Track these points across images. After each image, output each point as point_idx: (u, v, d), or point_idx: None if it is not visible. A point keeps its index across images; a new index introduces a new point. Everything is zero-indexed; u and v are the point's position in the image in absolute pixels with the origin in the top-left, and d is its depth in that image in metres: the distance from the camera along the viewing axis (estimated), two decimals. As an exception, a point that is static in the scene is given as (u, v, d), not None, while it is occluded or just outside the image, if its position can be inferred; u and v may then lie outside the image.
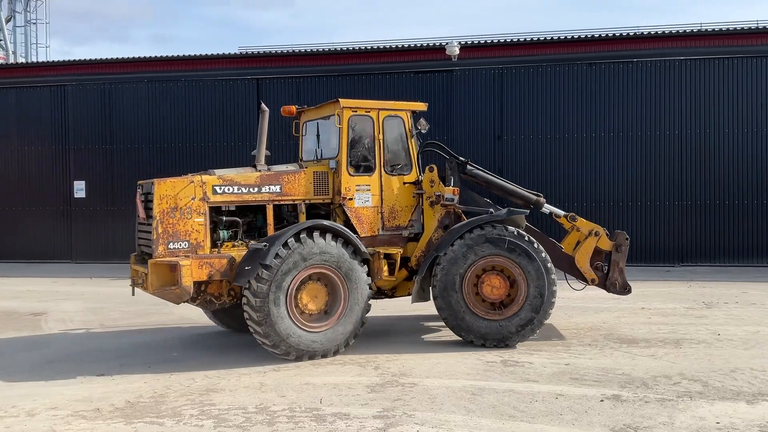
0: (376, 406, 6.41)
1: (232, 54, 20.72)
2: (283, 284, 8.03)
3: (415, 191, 9.37)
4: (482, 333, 8.71)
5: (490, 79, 19.17)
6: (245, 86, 20.36)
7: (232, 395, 6.84)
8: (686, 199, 18.06)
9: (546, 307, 8.72)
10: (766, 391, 6.71)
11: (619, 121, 18.46)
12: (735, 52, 18.05)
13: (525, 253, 8.70)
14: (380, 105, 9.45)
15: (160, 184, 8.37)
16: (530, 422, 5.94)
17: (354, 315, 8.49)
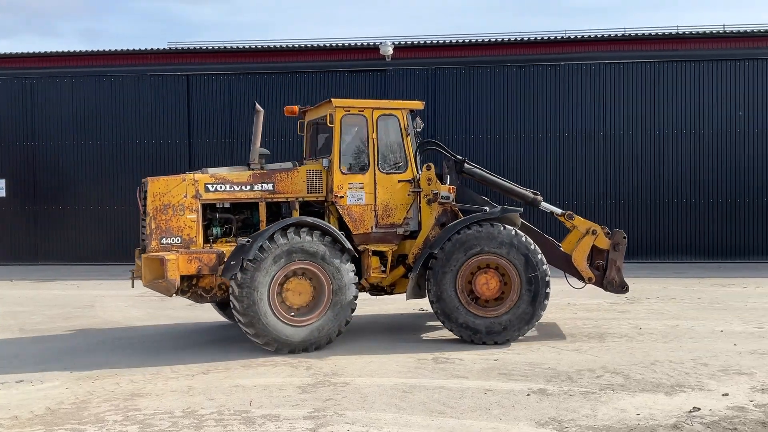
0: (307, 406, 6.38)
1: (161, 49, 20.26)
2: (266, 278, 8.32)
3: (410, 189, 9.39)
4: (476, 330, 8.77)
5: (423, 79, 19.36)
6: (174, 83, 19.93)
7: (158, 399, 6.68)
8: (611, 198, 18.70)
9: (539, 304, 8.80)
10: (683, 383, 7.00)
11: (548, 122, 18.95)
12: (658, 57, 18.80)
13: (519, 251, 8.78)
14: (374, 104, 9.56)
15: (153, 182, 8.84)
16: (459, 418, 6.03)
17: (338, 311, 8.62)
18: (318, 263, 8.57)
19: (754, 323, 10.07)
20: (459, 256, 8.79)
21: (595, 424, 5.79)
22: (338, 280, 8.62)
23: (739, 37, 18.66)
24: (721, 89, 18.57)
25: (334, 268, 8.61)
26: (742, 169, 18.48)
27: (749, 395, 6.53)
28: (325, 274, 8.60)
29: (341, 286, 8.64)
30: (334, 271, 8.60)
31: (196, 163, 19.93)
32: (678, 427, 5.70)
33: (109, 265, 19.56)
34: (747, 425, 5.72)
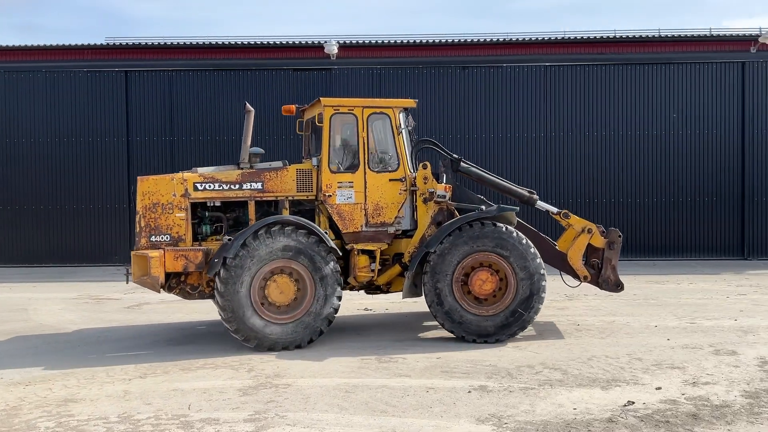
0: (248, 409, 6.29)
1: (99, 45, 19.71)
2: (247, 276, 8.49)
3: (401, 188, 9.35)
4: (472, 328, 8.79)
5: (368, 79, 19.36)
6: (112, 79, 19.38)
7: (93, 405, 6.48)
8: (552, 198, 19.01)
9: (535, 303, 8.83)
10: (619, 377, 7.19)
11: (490, 122, 19.21)
12: (596, 60, 19.28)
13: (514, 250, 8.81)
14: (365, 103, 9.55)
15: (143, 181, 9.13)
16: (401, 417, 6.04)
17: (320, 309, 8.69)
18: (300, 262, 8.66)
19: (686, 318, 10.42)
20: (455, 254, 8.80)
21: (534, 420, 5.89)
22: (321, 279, 8.69)
23: (674, 42, 19.30)
24: (656, 92, 19.16)
25: (316, 267, 8.68)
26: (676, 169, 19.10)
27: (681, 388, 6.75)
28: (308, 272, 8.67)
29: (324, 284, 8.69)
30: (316, 270, 8.67)
31: (135, 163, 19.46)
32: (613, 421, 5.84)
33: (43, 267, 18.92)
34: (678, 417, 5.91)
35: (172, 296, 13.47)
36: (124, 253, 19.42)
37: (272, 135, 19.44)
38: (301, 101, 19.18)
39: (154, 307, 12.28)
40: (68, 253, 19.38)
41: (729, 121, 19.10)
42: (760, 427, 5.64)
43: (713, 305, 11.62)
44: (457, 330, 8.85)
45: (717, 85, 19.12)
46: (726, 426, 5.69)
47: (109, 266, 19.12)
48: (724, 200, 19.11)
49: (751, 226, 19.05)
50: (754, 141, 19.05)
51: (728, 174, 19.11)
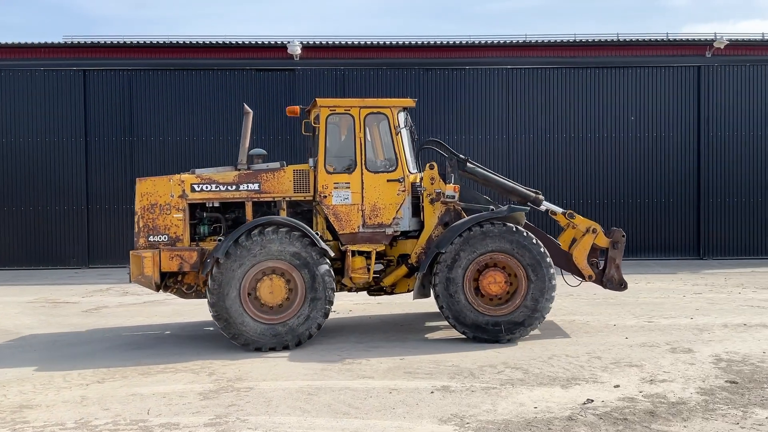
0: (209, 413, 6.21)
1: (56, 43, 19.26)
2: (235, 276, 8.56)
3: (400, 189, 9.32)
4: (483, 328, 8.79)
5: (332, 80, 19.32)
6: (70, 78, 19.00)
7: (48, 411, 6.33)
8: (506, 201, 19.25)
9: (545, 302, 8.88)
10: (578, 376, 7.30)
11: (453, 125, 19.33)
12: (555, 63, 19.56)
13: (525, 250, 8.85)
14: (362, 103, 9.49)
15: (141, 182, 9.32)
16: (364, 418, 6.04)
17: (310, 312, 8.69)
18: (291, 263, 8.67)
19: (644, 317, 10.62)
20: (466, 254, 8.82)
21: (495, 419, 5.94)
22: (311, 280, 8.67)
23: (632, 46, 19.67)
24: (614, 95, 19.52)
25: (307, 268, 8.67)
26: (633, 171, 19.49)
27: (639, 386, 6.88)
28: (298, 273, 8.68)
29: (315, 286, 8.67)
30: (306, 271, 8.67)
31: (93, 164, 19.09)
32: (573, 419, 5.92)
33: (0, 271, 18.46)
34: (636, 415, 6.02)
35: (131, 300, 13.31)
36: (82, 256, 19.07)
37: (235, 136, 19.27)
38: (263, 102, 19.20)
39: (113, 311, 12.06)
40: (25, 256, 18.93)
41: (685, 123, 19.57)
42: (714, 424, 5.77)
43: (670, 304, 11.87)
44: (468, 331, 8.86)
45: (673, 88, 19.57)
46: (682, 423, 5.82)
47: (67, 269, 18.74)
48: (681, 201, 19.56)
49: (706, 226, 19.54)
50: (709, 143, 19.54)
51: (684, 176, 19.57)
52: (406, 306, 11.72)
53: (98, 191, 19.08)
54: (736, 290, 13.48)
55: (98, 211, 19.08)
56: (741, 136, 19.61)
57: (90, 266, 18.98)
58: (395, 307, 11.77)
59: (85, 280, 16.37)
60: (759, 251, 19.61)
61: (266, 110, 19.23)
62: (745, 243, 19.63)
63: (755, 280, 14.96)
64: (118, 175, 19.09)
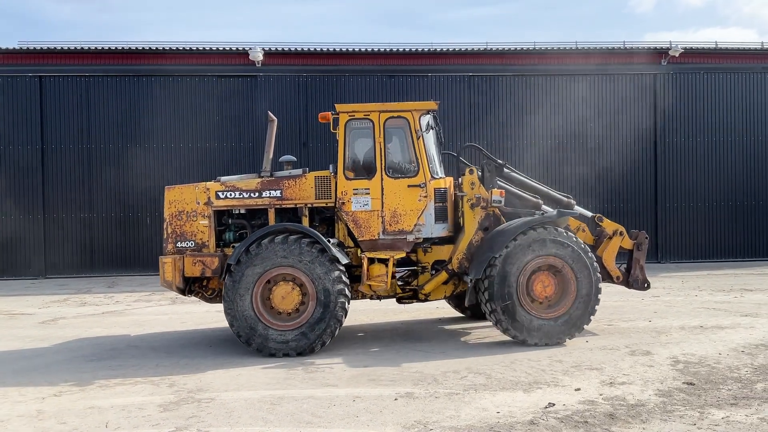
0: (169, 425, 6.11)
1: (12, 48, 18.83)
2: (248, 282, 8.66)
3: (421, 194, 9.22)
4: (538, 332, 8.83)
5: (294, 86, 19.26)
6: (26, 84, 18.59)
7: (3, 426, 6.15)
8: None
9: (593, 304, 8.99)
10: (540, 380, 7.37)
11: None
12: (517, 71, 19.82)
13: (574, 253, 8.93)
14: (381, 107, 9.38)
15: (169, 190, 9.52)
16: (327, 427, 6.00)
17: (322, 318, 8.66)
18: (301, 269, 8.69)
19: (604, 321, 10.79)
20: (520, 258, 8.85)
21: (458, 425, 5.96)
22: (322, 287, 8.66)
23: (591, 54, 20.01)
24: (574, 101, 19.84)
25: (317, 275, 8.67)
26: (591, 175, 19.80)
27: (599, 389, 6.98)
28: (309, 280, 8.68)
29: (326, 293, 8.66)
30: (317, 278, 8.67)
31: (49, 171, 18.68)
32: (534, 423, 5.98)
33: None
34: (596, 418, 6.10)
35: (90, 310, 13.05)
36: (38, 265, 18.62)
37: (196, 142, 19.08)
38: (225, 108, 19.03)
39: (71, 322, 11.80)
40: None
41: (642, 130, 19.98)
42: (672, 425, 5.88)
43: (629, 307, 12.08)
44: (525, 336, 8.88)
45: (630, 96, 19.99)
46: (641, 424, 5.91)
47: (24, 279, 18.30)
48: (639, 206, 19.98)
49: (663, 230, 19.97)
50: (666, 149, 20.00)
51: (642, 181, 19.99)
52: (371, 314, 11.71)
53: (55, 199, 18.67)
54: (693, 293, 13.79)
55: (55, 219, 18.67)
56: (697, 142, 20.12)
57: (47, 276, 18.55)
58: (359, 314, 11.75)
59: (41, 291, 16.00)
60: (715, 254, 20.12)
61: (227, 116, 19.10)
62: (702, 246, 20.12)
63: (711, 283, 15.32)
64: (76, 183, 18.72)
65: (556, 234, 9.05)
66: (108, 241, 18.74)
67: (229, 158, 18.99)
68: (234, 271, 8.69)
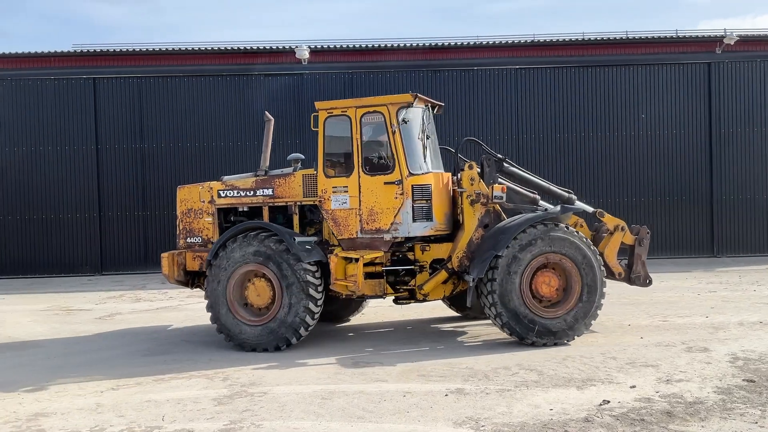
0: (223, 419, 6.21)
1: (66, 52, 19.39)
2: (223, 276, 9.00)
3: (398, 192, 8.88)
4: (542, 332, 8.64)
5: (339, 83, 19.34)
6: (80, 87, 19.11)
7: (64, 419, 6.35)
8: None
9: (598, 302, 8.78)
10: (594, 377, 7.24)
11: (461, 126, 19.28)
12: (564, 62, 19.49)
13: (578, 249, 8.72)
14: (357, 103, 9.19)
15: (181, 189, 10.06)
16: (378, 422, 6.01)
17: (284, 317, 8.77)
18: (269, 268, 8.83)
19: (658, 317, 10.54)
20: (524, 256, 8.64)
21: (511, 421, 5.90)
22: (287, 287, 8.75)
23: (641, 44, 19.57)
24: (624, 93, 19.42)
25: (283, 274, 8.77)
26: (645, 169, 19.36)
27: (655, 386, 6.82)
28: (276, 279, 8.81)
29: (290, 293, 8.73)
30: (283, 277, 8.77)
31: (104, 171, 19.19)
32: (589, 420, 5.87)
33: (12, 279, 18.56)
34: (653, 415, 5.96)
35: (144, 306, 13.36)
36: (95, 263, 19.16)
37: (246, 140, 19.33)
38: (272, 107, 19.22)
39: (126, 317, 12.10)
40: (38, 264, 19.05)
41: (696, 121, 19.43)
42: (732, 423, 5.71)
43: (684, 303, 11.78)
44: (528, 335, 8.66)
45: (684, 85, 19.45)
46: (700, 422, 5.75)
47: (80, 276, 18.84)
48: (694, 199, 19.41)
49: (720, 223, 19.38)
50: (721, 140, 19.39)
51: (696, 173, 19.43)
52: (419, 310, 11.68)
53: (110, 198, 19.17)
54: (750, 288, 13.36)
55: (110, 218, 19.17)
56: (753, 132, 19.45)
57: (103, 273, 19.06)
58: (409, 311, 11.74)
59: (98, 288, 16.44)
60: (773, 248, 19.44)
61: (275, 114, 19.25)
62: (760, 240, 19.45)
63: (770, 278, 14.82)
64: (129, 182, 19.18)
65: (559, 231, 8.78)
66: (162, 239, 19.12)
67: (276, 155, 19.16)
68: (212, 266, 9.05)
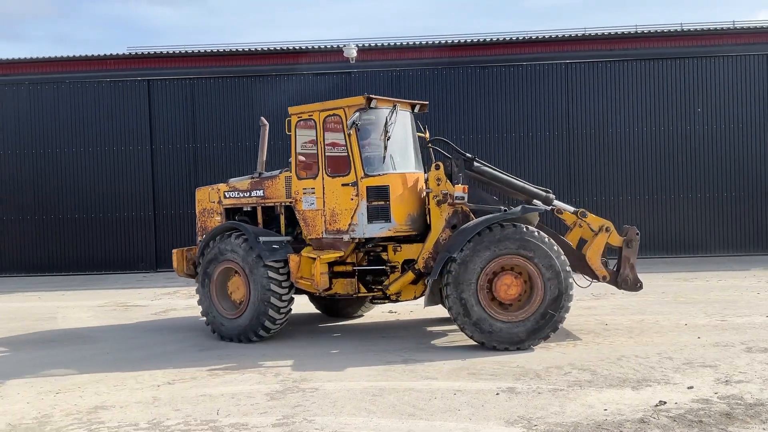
0: (276, 413, 6.30)
1: (121, 54, 19.90)
2: (206, 272, 9.76)
3: (353, 194, 8.97)
4: (503, 336, 8.36)
5: (387, 81, 19.35)
6: (135, 88, 19.61)
7: (122, 412, 6.53)
8: (575, 196, 18.91)
9: (564, 302, 8.41)
10: (649, 377, 7.08)
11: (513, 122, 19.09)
12: (617, 56, 19.08)
13: (539, 250, 8.36)
14: (321, 106, 9.44)
15: (198, 191, 10.94)
16: (429, 419, 6.01)
17: (255, 311, 9.24)
18: (240, 264, 9.40)
19: (716, 316, 10.25)
20: (480, 258, 8.36)
21: (564, 421, 5.82)
22: (254, 282, 9.22)
23: (695, 36, 19.02)
24: (679, 87, 18.92)
25: (249, 270, 9.27)
26: (702, 164, 18.84)
27: (713, 387, 6.63)
28: (244, 273, 9.36)
29: (255, 289, 9.21)
30: (249, 273, 9.27)
31: (159, 170, 19.66)
32: (645, 421, 5.75)
33: (71, 276, 19.19)
34: (712, 417, 5.80)
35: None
36: (150, 260, 19.66)
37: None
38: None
39: (180, 313, 12.38)
40: (96, 262, 19.66)
41: (755, 114, 18.80)
42: (796, 426, 5.52)
43: (743, 302, 11.42)
44: (487, 340, 8.43)
45: (742, 78, 18.83)
46: (761, 425, 5.58)
47: (136, 273, 19.35)
48: (753, 194, 18.80)
49: (780, 220, 18.72)
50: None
51: (756, 168, 18.80)
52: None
53: (164, 197, 19.63)
54: (815, 287, 12.88)
55: (164, 216, 19.62)
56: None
57: (158, 270, 19.53)
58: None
59: (153, 284, 16.85)
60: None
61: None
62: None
63: (835, 276, 14.25)
64: (183, 182, 19.59)
65: (518, 232, 8.43)
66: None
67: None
68: (199, 263, 9.84)
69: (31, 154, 19.75)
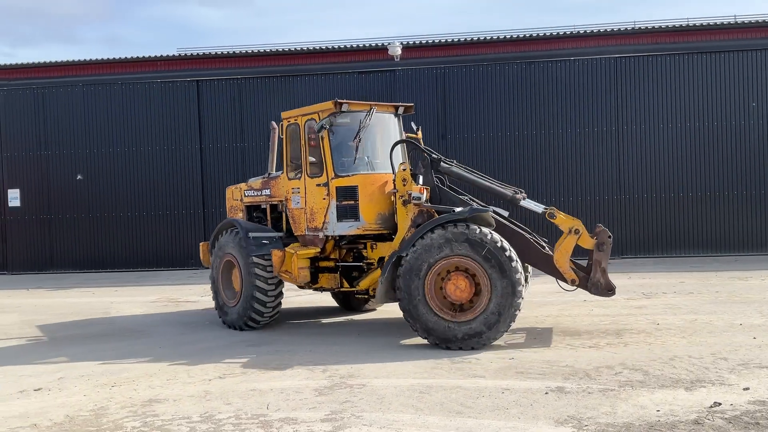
0: (324, 409, 6.36)
1: (171, 56, 20.32)
2: (215, 264, 10.74)
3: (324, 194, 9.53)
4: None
5: (432, 79, 19.31)
6: (185, 88, 20.00)
7: (175, 405, 6.68)
8: (626, 193, 18.60)
9: (510, 309, 8.34)
10: (703, 378, 6.92)
11: (560, 118, 18.85)
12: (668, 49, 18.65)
13: (488, 252, 8.30)
14: (304, 111, 10.04)
15: (227, 189, 11.78)
16: (477, 418, 5.98)
17: (245, 301, 10.02)
18: (237, 258, 10.16)
19: (773, 316, 9.95)
20: (427, 258, 8.43)
21: (615, 422, 5.73)
22: (245, 275, 9.95)
23: (750, 28, 18.46)
24: (733, 81, 18.39)
25: (241, 262, 10.03)
26: (757, 160, 18.30)
27: (771, 389, 6.45)
28: (238, 266, 10.14)
29: (247, 282, 9.88)
30: (242, 266, 10.02)
31: (208, 169, 20.03)
32: (699, 423, 5.62)
33: (124, 272, 19.69)
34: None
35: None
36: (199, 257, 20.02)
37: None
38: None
39: (230, 310, 12.57)
40: (147, 258, 20.14)
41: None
42: None
43: (802, 302, 11.06)
44: (429, 337, 8.51)
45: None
46: (823, 429, 5.40)
47: (187, 270, 19.75)
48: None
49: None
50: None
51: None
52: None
53: (213, 195, 19.99)
54: None
55: (213, 214, 19.98)
56: None
57: (207, 267, 19.86)
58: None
59: (203, 281, 17.15)
60: None
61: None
62: None
63: None
64: (231, 180, 19.89)
65: (464, 232, 8.35)
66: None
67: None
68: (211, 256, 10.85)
69: (85, 154, 20.33)
